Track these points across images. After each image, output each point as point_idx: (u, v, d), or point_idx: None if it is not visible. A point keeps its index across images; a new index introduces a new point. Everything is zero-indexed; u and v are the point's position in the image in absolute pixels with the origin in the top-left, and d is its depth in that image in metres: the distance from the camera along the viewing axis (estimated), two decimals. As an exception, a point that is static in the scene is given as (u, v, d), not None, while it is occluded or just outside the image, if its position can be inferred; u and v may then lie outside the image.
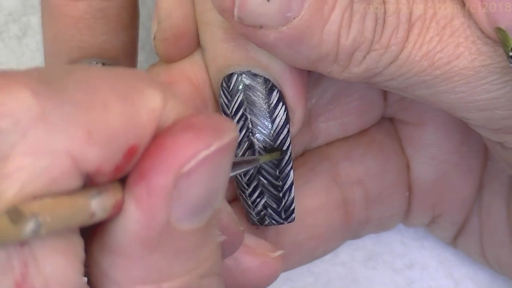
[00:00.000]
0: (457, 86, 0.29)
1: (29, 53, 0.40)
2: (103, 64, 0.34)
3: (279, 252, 0.31)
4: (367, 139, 0.37)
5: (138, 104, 0.22)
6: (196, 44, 0.32)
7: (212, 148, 0.22)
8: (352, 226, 0.37)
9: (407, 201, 0.38)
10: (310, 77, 0.35)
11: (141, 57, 0.42)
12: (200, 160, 0.22)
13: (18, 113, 0.20)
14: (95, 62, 0.34)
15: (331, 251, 0.38)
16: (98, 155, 0.21)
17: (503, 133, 0.30)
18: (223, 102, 0.31)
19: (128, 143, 0.22)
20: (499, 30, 0.27)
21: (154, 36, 0.31)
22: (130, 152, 0.22)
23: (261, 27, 0.27)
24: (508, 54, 0.27)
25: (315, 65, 0.29)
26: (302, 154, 0.37)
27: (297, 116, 0.31)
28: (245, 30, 0.28)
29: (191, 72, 0.32)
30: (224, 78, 0.31)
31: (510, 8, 0.27)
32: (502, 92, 0.29)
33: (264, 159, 0.31)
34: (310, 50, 0.28)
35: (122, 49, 0.35)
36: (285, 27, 0.27)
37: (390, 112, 0.38)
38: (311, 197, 0.35)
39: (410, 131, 0.37)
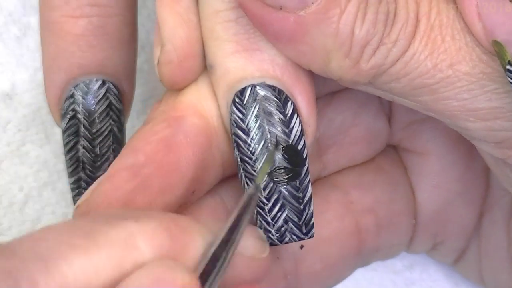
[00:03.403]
0: (460, 92, 0.29)
1: (29, 53, 0.40)
2: (103, 81, 0.34)
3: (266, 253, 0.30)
4: (375, 167, 0.38)
5: None
6: (201, 67, 0.31)
7: None
8: (363, 254, 0.37)
9: (412, 228, 0.38)
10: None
11: (142, 57, 0.42)
12: None
13: None
14: (95, 79, 0.34)
15: (342, 280, 0.38)
16: None
17: (506, 147, 0.30)
18: (237, 118, 0.30)
19: None
20: (495, 43, 0.27)
21: (158, 61, 0.31)
22: None
23: (281, 9, 0.28)
24: (505, 67, 0.27)
25: (330, 57, 0.29)
26: (312, 184, 0.37)
27: (311, 128, 0.31)
28: (266, 12, 0.28)
29: (198, 105, 0.31)
30: (236, 93, 0.30)
31: (507, 21, 0.27)
32: (505, 102, 0.29)
33: (260, 179, 0.30)
34: (326, 38, 0.28)
35: (121, 66, 0.35)
36: (303, 11, 0.28)
37: (394, 140, 0.38)
38: (325, 226, 0.35)
39: (414, 160, 0.38)
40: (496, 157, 0.31)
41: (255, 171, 0.30)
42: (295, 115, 0.30)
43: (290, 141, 0.30)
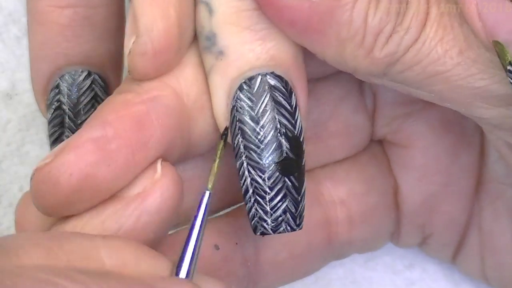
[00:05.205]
0: (471, 81, 0.29)
1: (28, 53, 0.40)
2: (89, 72, 0.34)
3: None
4: (351, 161, 0.38)
5: None
6: (175, 62, 0.31)
7: None
8: (334, 247, 0.37)
9: (393, 222, 0.38)
10: None
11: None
12: None
13: None
14: (80, 70, 0.34)
15: (313, 272, 0.38)
16: None
17: None
18: (244, 105, 0.31)
19: None
20: (496, 43, 0.27)
21: (130, 51, 0.30)
22: None
23: None
24: (506, 68, 0.27)
25: (344, 46, 0.29)
26: None
27: (305, 123, 0.31)
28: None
29: (177, 85, 0.31)
30: (244, 81, 0.30)
31: (507, 21, 0.27)
32: None
33: (211, 186, 0.30)
34: (340, 26, 0.29)
35: (107, 57, 0.35)
36: None
37: (379, 134, 0.38)
38: None
39: (398, 153, 0.38)
40: None
41: (261, 159, 0.31)
42: (297, 108, 0.31)
43: (295, 133, 0.31)
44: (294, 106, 0.31)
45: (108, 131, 0.29)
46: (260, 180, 0.31)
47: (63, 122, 0.35)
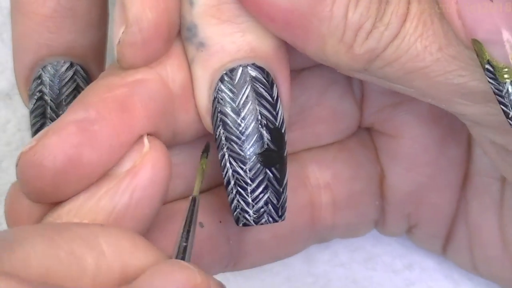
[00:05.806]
0: (450, 77, 0.29)
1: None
2: (71, 63, 0.35)
3: None
4: (339, 145, 0.38)
5: None
6: (164, 51, 0.31)
7: None
8: (317, 230, 0.37)
9: (377, 210, 0.38)
10: None
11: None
12: None
13: None
14: (62, 61, 0.34)
15: (295, 253, 0.38)
16: None
17: (506, 133, 0.30)
18: (225, 97, 0.31)
19: None
20: (475, 42, 0.27)
21: (119, 41, 0.30)
22: None
23: None
24: (484, 67, 0.27)
25: (325, 41, 0.29)
26: None
27: (287, 114, 0.32)
28: None
29: (162, 70, 0.31)
30: (226, 72, 0.31)
31: (486, 20, 0.27)
32: None
33: (197, 191, 0.30)
34: (321, 22, 0.29)
35: (90, 48, 0.35)
36: None
37: (367, 123, 0.38)
38: None
39: (386, 142, 0.38)
40: (499, 143, 0.31)
41: (242, 151, 0.31)
42: (279, 100, 0.31)
43: (277, 124, 0.31)
44: (275, 97, 0.31)
45: (90, 113, 0.29)
46: (241, 172, 0.31)
47: (45, 112, 0.35)
